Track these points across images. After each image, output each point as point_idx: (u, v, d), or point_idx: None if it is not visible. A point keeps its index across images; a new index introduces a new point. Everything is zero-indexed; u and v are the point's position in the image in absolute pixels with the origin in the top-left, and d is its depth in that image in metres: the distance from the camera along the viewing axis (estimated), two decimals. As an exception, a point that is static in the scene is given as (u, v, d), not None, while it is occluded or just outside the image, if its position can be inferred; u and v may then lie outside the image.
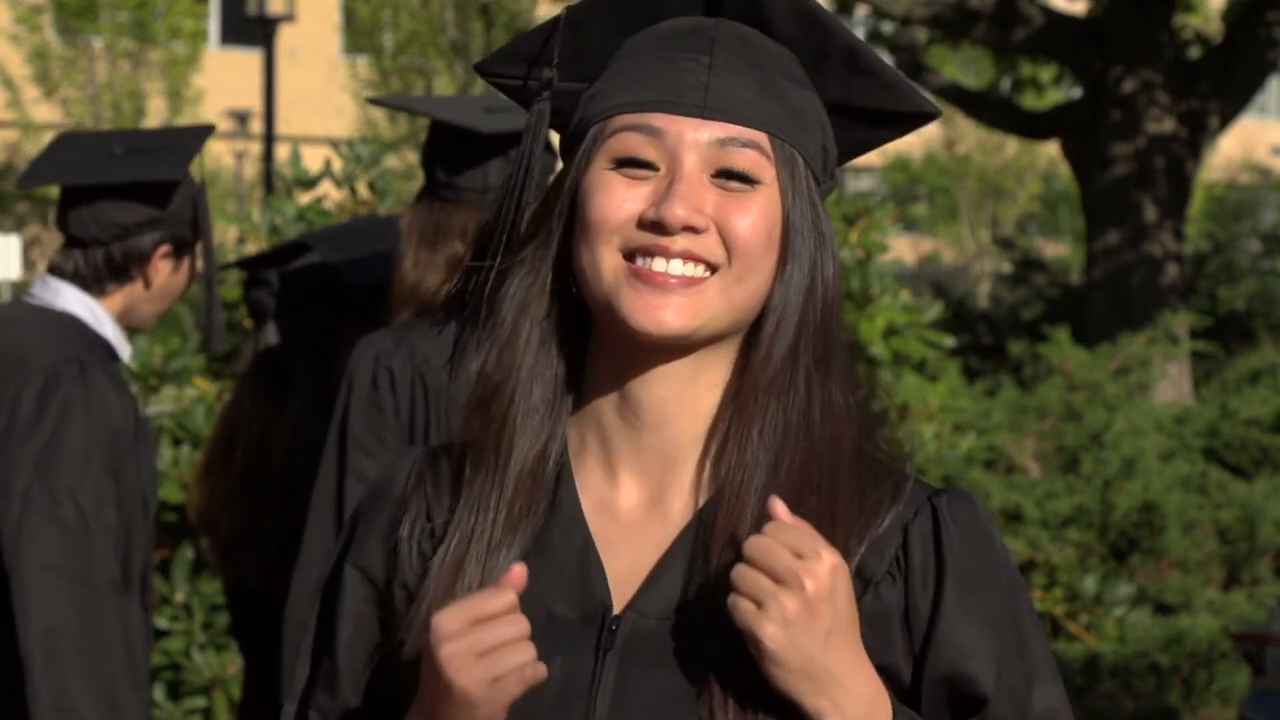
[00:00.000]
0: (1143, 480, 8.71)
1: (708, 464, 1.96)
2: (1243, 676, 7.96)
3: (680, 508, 1.96)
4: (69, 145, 4.24)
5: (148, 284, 4.04)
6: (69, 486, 3.81)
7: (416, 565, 1.99)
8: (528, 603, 1.88)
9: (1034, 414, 9.46)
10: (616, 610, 1.93)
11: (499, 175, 3.85)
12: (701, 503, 1.95)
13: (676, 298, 1.91)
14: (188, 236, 4.09)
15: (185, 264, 4.10)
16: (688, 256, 1.91)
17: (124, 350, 4.04)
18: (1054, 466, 9.26)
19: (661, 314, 1.90)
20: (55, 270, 4.03)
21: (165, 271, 4.06)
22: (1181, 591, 8.54)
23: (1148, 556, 8.71)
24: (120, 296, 4.04)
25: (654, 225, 1.91)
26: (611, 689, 1.90)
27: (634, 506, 1.97)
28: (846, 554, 1.89)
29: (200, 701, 6.48)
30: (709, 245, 1.92)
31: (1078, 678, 8.02)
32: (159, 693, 6.48)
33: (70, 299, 4.00)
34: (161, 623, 6.40)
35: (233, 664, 6.40)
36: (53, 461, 3.82)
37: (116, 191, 4.00)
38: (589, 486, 1.98)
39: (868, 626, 1.90)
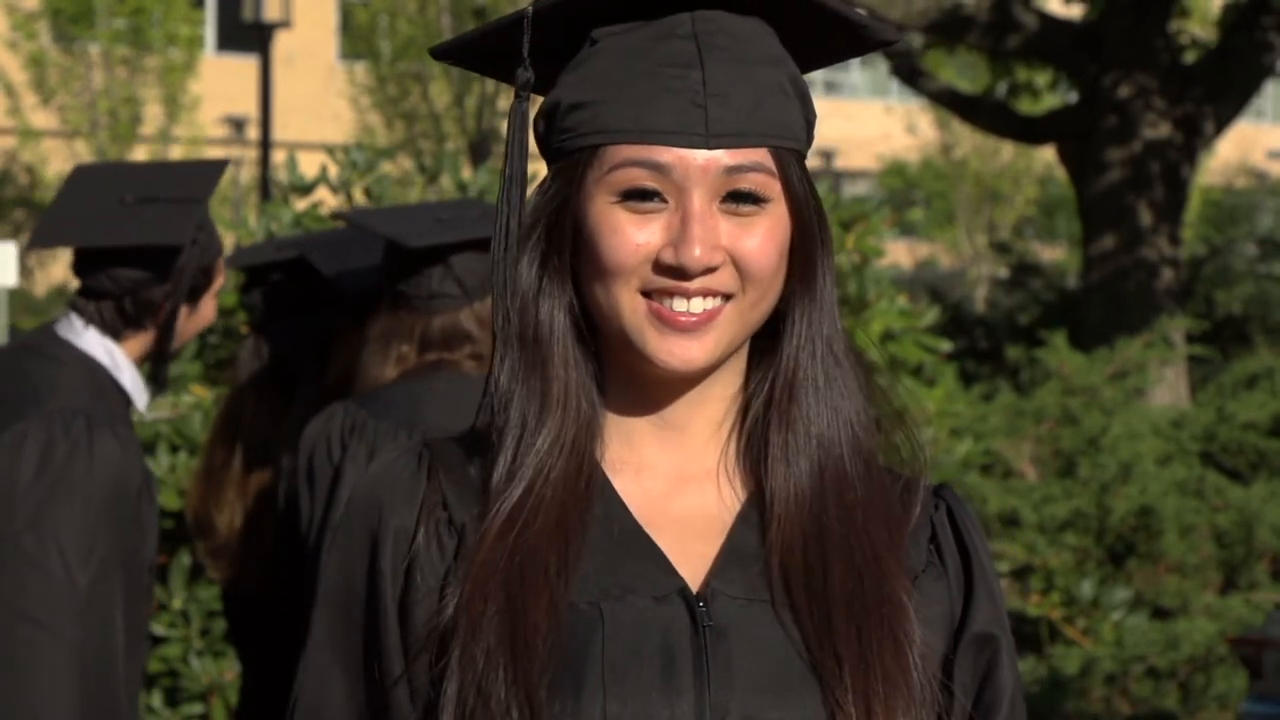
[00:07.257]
0: (1140, 484, 8.72)
1: (741, 456, 1.99)
2: (1240, 680, 7.97)
3: (716, 499, 1.98)
4: (84, 187, 4.25)
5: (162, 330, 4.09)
6: (60, 540, 3.81)
7: (438, 558, 1.96)
8: (589, 587, 1.90)
9: (1031, 418, 9.46)
10: (695, 589, 1.93)
11: (442, 283, 4.10)
12: (742, 494, 1.98)
13: (699, 335, 1.92)
14: (199, 283, 4.13)
15: (200, 306, 4.15)
16: (706, 293, 1.92)
17: (140, 398, 4.08)
18: (1051, 471, 9.27)
19: (688, 354, 1.91)
20: (77, 310, 4.08)
21: (180, 318, 4.10)
22: (1179, 595, 8.54)
23: (1145, 560, 8.72)
24: (137, 342, 4.09)
25: (672, 270, 1.91)
26: (722, 664, 1.90)
27: (666, 496, 1.98)
28: (890, 549, 1.95)
29: (198, 708, 6.49)
30: (724, 279, 1.92)
31: (1074, 682, 8.03)
32: (157, 699, 6.49)
33: (92, 342, 4.05)
34: (159, 629, 6.41)
35: (230, 670, 6.41)
36: (49, 513, 3.82)
37: (124, 250, 4.05)
38: (621, 481, 1.98)
39: (917, 617, 1.94)
